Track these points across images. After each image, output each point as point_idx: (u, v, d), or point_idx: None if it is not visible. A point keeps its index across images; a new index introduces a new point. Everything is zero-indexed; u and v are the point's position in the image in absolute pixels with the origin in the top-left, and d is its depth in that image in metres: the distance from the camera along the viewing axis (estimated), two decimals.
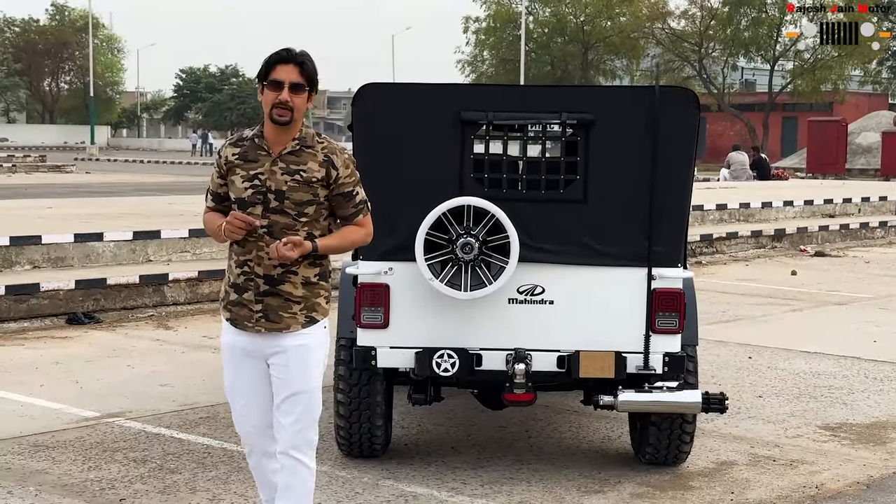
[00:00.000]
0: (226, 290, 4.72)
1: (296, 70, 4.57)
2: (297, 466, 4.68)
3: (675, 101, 6.02)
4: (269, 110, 4.58)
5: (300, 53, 4.61)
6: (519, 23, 64.73)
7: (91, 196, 25.53)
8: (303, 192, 4.59)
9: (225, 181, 4.71)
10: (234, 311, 4.68)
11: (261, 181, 4.60)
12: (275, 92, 4.55)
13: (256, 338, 4.65)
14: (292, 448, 4.66)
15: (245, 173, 4.63)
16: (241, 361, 4.72)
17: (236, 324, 4.68)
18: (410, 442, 7.00)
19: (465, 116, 5.99)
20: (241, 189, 4.62)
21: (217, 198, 4.76)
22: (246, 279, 4.63)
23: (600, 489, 6.17)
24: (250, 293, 4.62)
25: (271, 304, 4.61)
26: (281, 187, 4.59)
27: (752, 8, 60.62)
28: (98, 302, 11.53)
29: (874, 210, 24.12)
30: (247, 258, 4.61)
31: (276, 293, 4.61)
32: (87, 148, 70.11)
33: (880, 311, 12.75)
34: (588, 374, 6.02)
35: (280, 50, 4.62)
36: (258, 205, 4.59)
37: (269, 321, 4.62)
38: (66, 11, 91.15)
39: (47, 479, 6.20)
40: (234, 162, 4.67)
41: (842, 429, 7.57)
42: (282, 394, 4.66)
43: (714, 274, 15.97)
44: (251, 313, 4.63)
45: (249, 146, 4.68)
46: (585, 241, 6.01)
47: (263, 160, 4.63)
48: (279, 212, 4.58)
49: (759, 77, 77.87)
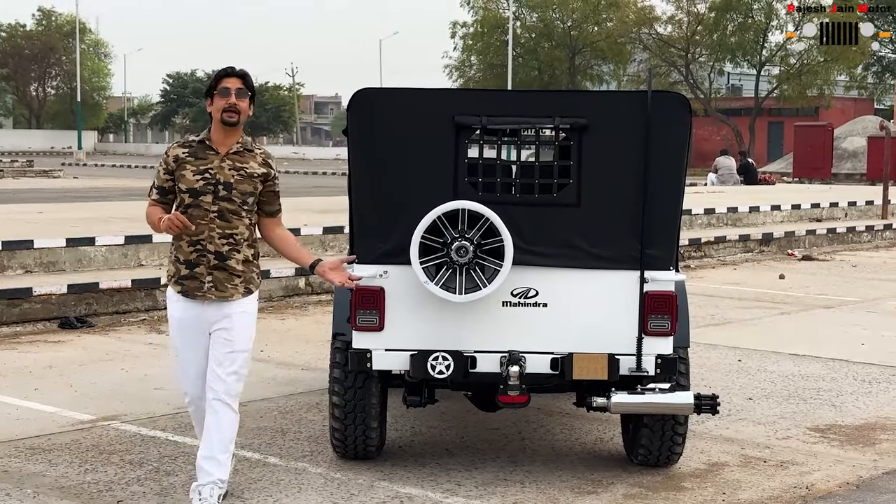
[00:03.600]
0: (176, 267, 5.70)
1: (239, 81, 5.67)
2: (227, 410, 5.72)
3: (667, 105, 6.08)
4: (220, 114, 5.64)
5: (241, 69, 5.73)
6: (506, 28, 64.85)
7: (80, 201, 25.50)
8: (247, 185, 5.68)
9: (172, 177, 5.70)
10: (185, 283, 5.68)
11: (211, 174, 5.65)
12: (224, 98, 5.63)
13: (205, 307, 5.68)
14: (225, 394, 5.70)
15: (195, 168, 5.66)
16: (189, 335, 5.74)
17: (187, 294, 5.68)
18: (405, 444, 7.05)
19: (460, 121, 6.04)
20: (193, 181, 5.64)
21: (161, 191, 5.75)
22: (198, 255, 5.64)
23: (593, 490, 6.23)
24: (202, 267, 5.65)
25: (219, 276, 5.66)
26: (229, 180, 5.65)
27: (739, 13, 60.84)
28: (90, 306, 11.56)
29: (861, 214, 24.25)
30: (200, 238, 5.62)
31: (222, 267, 5.65)
32: (74, 153, 70.02)
33: (868, 315, 12.84)
34: (581, 376, 6.07)
35: (225, 67, 5.72)
36: (209, 194, 5.63)
37: (218, 290, 5.66)
38: (52, 16, 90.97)
39: (44, 481, 6.24)
40: (184, 158, 5.69)
41: (831, 430, 7.65)
42: (224, 350, 5.69)
43: (703, 278, 16.05)
44: (201, 284, 5.66)
45: (198, 147, 5.73)
46: (578, 245, 6.07)
47: (212, 158, 5.68)
48: (227, 199, 5.64)
49: (745, 82, 78.06)
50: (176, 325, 5.79)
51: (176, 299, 5.75)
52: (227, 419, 5.73)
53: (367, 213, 6.13)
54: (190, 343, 5.76)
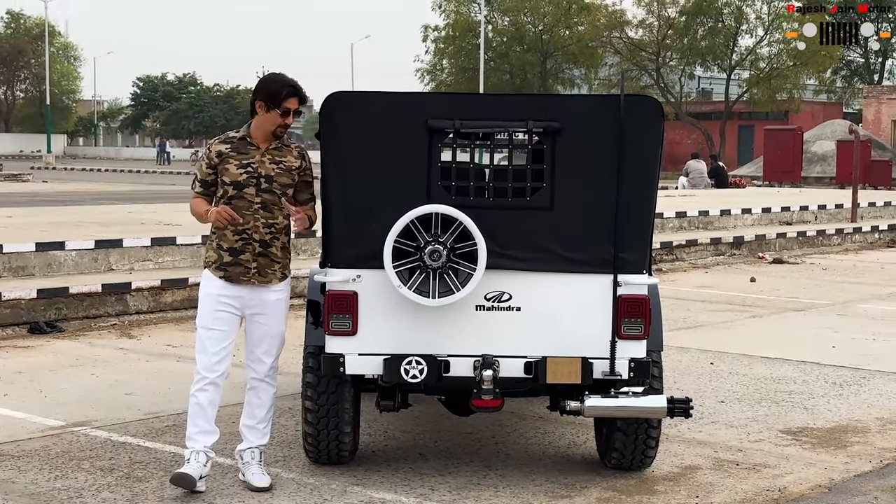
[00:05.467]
0: (219, 254, 6.09)
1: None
2: (267, 387, 6.26)
3: (640, 109, 6.08)
4: (274, 128, 6.09)
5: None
6: (478, 31, 64.94)
7: (49, 205, 25.36)
8: (286, 177, 6.12)
9: (214, 171, 6.12)
10: (229, 269, 6.08)
11: (253, 168, 6.07)
12: (284, 118, 6.08)
13: (246, 289, 6.09)
14: (265, 375, 6.25)
15: (238, 162, 6.07)
16: (223, 311, 6.08)
17: (231, 280, 6.08)
18: (378, 448, 7.03)
19: (433, 124, 6.03)
20: (237, 174, 6.05)
21: (204, 184, 6.16)
22: (244, 243, 6.07)
23: (567, 494, 6.23)
24: (248, 254, 6.07)
25: (262, 262, 6.10)
26: (270, 173, 6.09)
27: (709, 17, 61.17)
28: (60, 311, 11.46)
29: (830, 217, 24.41)
30: (245, 227, 6.05)
31: (265, 254, 6.10)
32: (44, 156, 69.61)
33: (838, 317, 12.91)
34: (555, 380, 6.07)
35: (292, 83, 6.11)
36: (252, 186, 6.05)
37: (260, 276, 6.10)
38: (21, 19, 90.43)
39: (14, 487, 6.18)
40: (227, 153, 6.10)
41: (803, 433, 7.68)
42: (267, 334, 6.17)
43: (674, 281, 16.10)
44: (247, 270, 6.08)
45: (239, 143, 6.14)
46: (552, 248, 6.06)
47: (254, 153, 6.11)
48: (268, 192, 6.07)
49: (715, 86, 78.49)
50: (213, 301, 6.08)
51: (215, 281, 6.10)
52: (267, 394, 6.27)
53: (339, 217, 6.11)
54: (222, 320, 6.07)
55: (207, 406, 6.09)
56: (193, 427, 6.10)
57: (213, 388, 6.09)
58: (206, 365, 6.07)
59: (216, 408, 6.16)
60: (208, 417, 6.11)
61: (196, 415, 6.10)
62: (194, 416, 6.10)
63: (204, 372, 6.08)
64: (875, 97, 54.84)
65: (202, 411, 6.09)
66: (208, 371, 6.07)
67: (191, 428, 6.11)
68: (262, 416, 6.26)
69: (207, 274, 6.15)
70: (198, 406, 6.09)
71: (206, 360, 6.08)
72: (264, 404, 6.26)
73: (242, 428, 6.29)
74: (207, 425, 6.11)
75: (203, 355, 6.09)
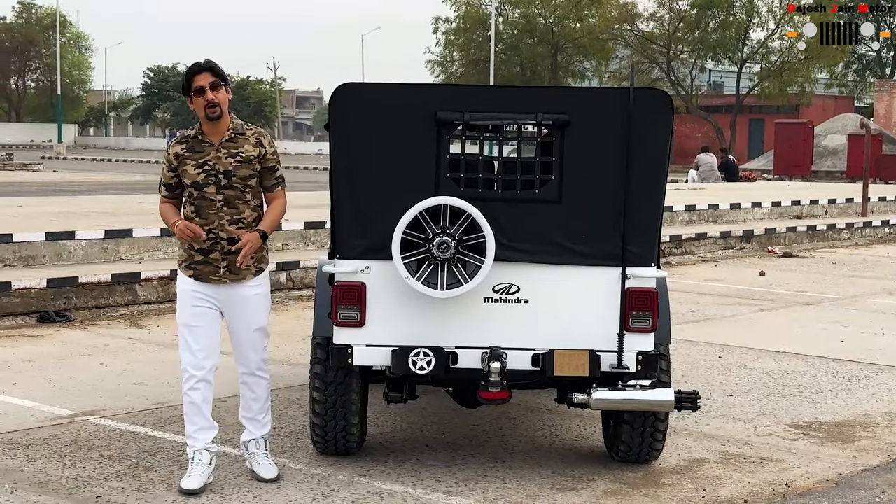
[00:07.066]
0: (189, 253, 5.98)
1: (209, 74, 5.88)
2: (259, 380, 6.21)
3: (650, 102, 6.07)
4: (204, 112, 5.88)
5: (207, 61, 5.94)
6: (489, 24, 64.87)
7: (60, 195, 25.41)
8: (245, 169, 5.95)
9: (175, 173, 5.98)
10: (199, 268, 5.97)
11: (210, 165, 5.92)
12: (201, 96, 5.86)
13: (220, 288, 5.99)
14: (258, 370, 6.19)
15: (195, 161, 5.93)
16: (200, 308, 5.99)
17: (200, 278, 5.97)
18: (385, 440, 7.04)
19: (442, 116, 6.02)
20: (195, 174, 5.91)
21: (169, 188, 6.04)
22: (213, 243, 5.93)
23: (574, 486, 6.23)
24: (216, 253, 5.94)
25: (233, 260, 5.94)
26: (227, 168, 5.92)
27: (721, 10, 61.03)
28: (70, 300, 11.50)
29: (841, 212, 24.35)
30: (212, 227, 5.91)
31: (236, 251, 5.89)
32: (55, 146, 69.66)
33: (847, 312, 12.89)
34: (562, 373, 6.07)
35: (191, 64, 5.94)
36: (211, 184, 5.91)
37: (232, 274, 5.98)
38: (33, 9, 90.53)
39: (22, 476, 6.20)
40: (183, 154, 5.97)
41: (811, 427, 7.67)
42: (248, 331, 6.09)
43: (683, 274, 16.09)
44: (217, 269, 5.96)
45: (193, 141, 5.99)
46: (560, 241, 6.06)
47: (208, 150, 5.95)
48: (229, 187, 5.92)
49: (726, 79, 78.36)
50: (189, 297, 6.00)
51: (187, 279, 6.03)
52: (260, 388, 6.22)
53: (348, 209, 6.11)
54: (200, 315, 5.99)
55: (202, 403, 6.05)
56: (192, 426, 6.06)
57: (204, 384, 6.03)
58: (194, 363, 6.02)
59: (210, 403, 6.11)
60: (205, 414, 6.07)
61: (192, 413, 6.06)
62: (191, 415, 6.07)
63: (192, 370, 6.02)
64: (887, 91, 54.59)
65: (197, 409, 6.05)
66: (196, 369, 6.02)
67: (189, 427, 6.07)
68: (259, 408, 6.24)
69: (180, 272, 6.11)
70: (192, 405, 6.05)
71: (192, 359, 6.02)
72: (259, 397, 6.23)
73: (242, 419, 6.30)
74: (205, 422, 6.08)
75: (188, 353, 6.03)
